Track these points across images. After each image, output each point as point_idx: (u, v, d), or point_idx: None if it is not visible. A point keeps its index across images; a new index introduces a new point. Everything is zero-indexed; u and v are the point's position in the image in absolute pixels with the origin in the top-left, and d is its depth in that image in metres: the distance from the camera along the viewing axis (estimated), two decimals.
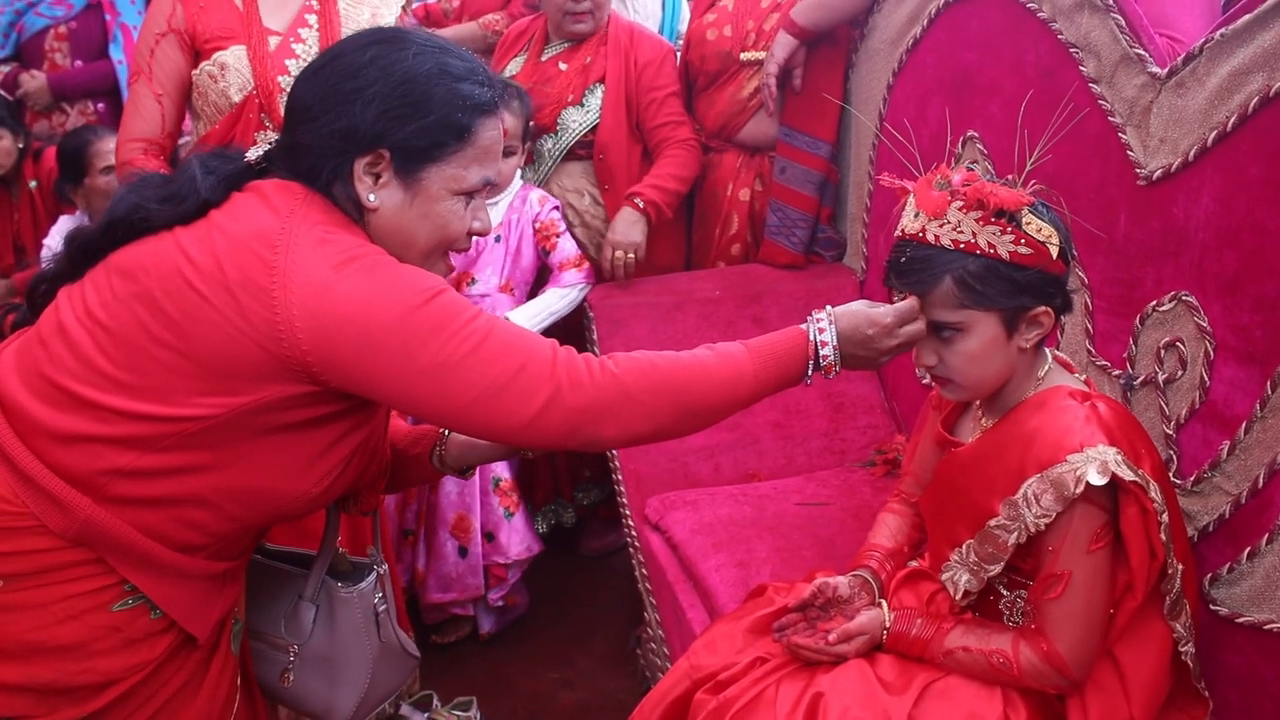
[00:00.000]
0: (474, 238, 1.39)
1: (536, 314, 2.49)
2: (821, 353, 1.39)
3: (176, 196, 1.27)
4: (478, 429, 1.29)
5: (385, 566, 1.57)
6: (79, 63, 3.55)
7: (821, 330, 1.40)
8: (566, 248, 2.55)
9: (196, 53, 2.11)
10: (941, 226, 1.39)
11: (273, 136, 2.12)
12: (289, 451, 1.28)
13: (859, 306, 1.43)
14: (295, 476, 1.30)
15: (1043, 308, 1.39)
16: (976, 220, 1.37)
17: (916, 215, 1.42)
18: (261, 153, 1.34)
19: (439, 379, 1.22)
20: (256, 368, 1.20)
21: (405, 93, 1.25)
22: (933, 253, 1.40)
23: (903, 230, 1.45)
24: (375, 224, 1.30)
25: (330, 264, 1.20)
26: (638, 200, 2.51)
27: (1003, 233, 1.36)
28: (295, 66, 2.13)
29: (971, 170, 1.40)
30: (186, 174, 1.28)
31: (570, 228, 2.64)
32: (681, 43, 2.96)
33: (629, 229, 2.49)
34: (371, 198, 1.28)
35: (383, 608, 1.54)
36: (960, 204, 1.37)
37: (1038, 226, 1.37)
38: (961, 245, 1.38)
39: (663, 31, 3.41)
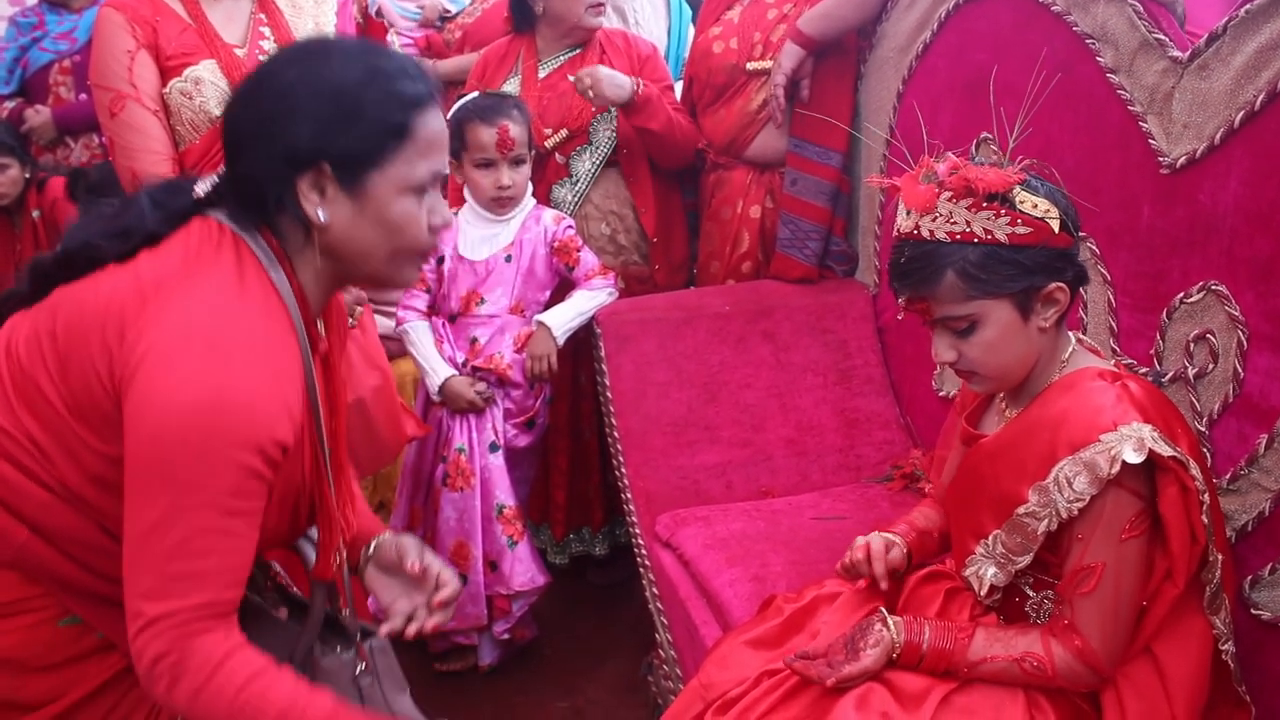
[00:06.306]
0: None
1: (571, 318, 2.46)
2: None
3: (125, 233, 1.23)
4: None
5: (378, 639, 1.42)
6: (83, 96, 3.54)
7: None
8: (589, 260, 2.52)
9: (161, 71, 2.06)
10: (934, 220, 1.33)
11: None
12: None
13: None
14: None
15: (1055, 284, 1.33)
16: (968, 208, 1.31)
17: (908, 213, 1.37)
18: (209, 187, 1.29)
19: (136, 527, 1.11)
20: (104, 413, 1.15)
21: (337, 104, 1.19)
22: (930, 249, 1.34)
23: (898, 230, 1.40)
24: (327, 242, 1.23)
25: (198, 342, 1.12)
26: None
27: (997, 216, 1.30)
28: None
29: (954, 158, 1.34)
30: (135, 208, 1.25)
31: (614, 234, 2.66)
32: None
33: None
34: (320, 214, 1.21)
35: (366, 681, 1.39)
36: (949, 194, 1.32)
37: (1033, 203, 1.31)
38: (957, 236, 1.32)
39: (667, 58, 3.40)
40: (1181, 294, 1.59)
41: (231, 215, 1.23)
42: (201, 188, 1.29)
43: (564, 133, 2.60)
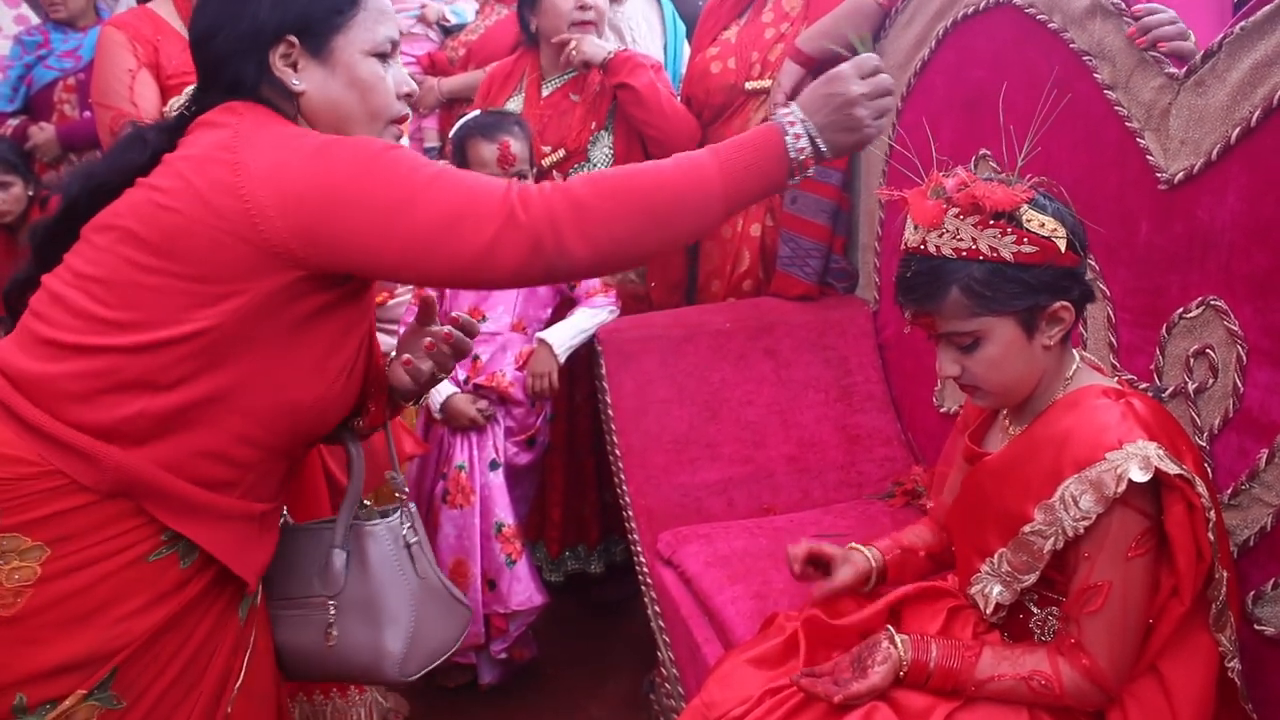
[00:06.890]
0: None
1: (572, 336, 2.46)
2: (792, 130, 1.35)
3: (126, 154, 1.33)
4: (443, 268, 1.29)
5: (413, 506, 1.56)
6: (87, 114, 3.55)
7: (787, 117, 1.36)
8: (590, 279, 2.53)
9: (162, 89, 2.07)
10: (941, 236, 1.34)
11: None
12: (297, 351, 1.32)
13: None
14: (308, 379, 1.34)
15: (1060, 303, 1.33)
16: (975, 225, 1.31)
17: (915, 228, 1.37)
18: (188, 98, 1.41)
19: (400, 218, 1.25)
20: (243, 263, 1.24)
21: None
22: (936, 264, 1.34)
23: (905, 244, 1.40)
24: (308, 108, 1.38)
25: (286, 145, 1.28)
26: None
27: (1003, 234, 1.30)
28: None
29: (964, 174, 1.35)
30: (130, 137, 1.37)
31: None
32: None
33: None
34: (296, 82, 1.36)
35: (414, 539, 1.52)
36: (956, 210, 1.32)
37: (1040, 222, 1.31)
38: (963, 253, 1.32)
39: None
40: (1180, 309, 1.59)
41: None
42: (179, 103, 1.43)
43: (561, 152, 2.62)
